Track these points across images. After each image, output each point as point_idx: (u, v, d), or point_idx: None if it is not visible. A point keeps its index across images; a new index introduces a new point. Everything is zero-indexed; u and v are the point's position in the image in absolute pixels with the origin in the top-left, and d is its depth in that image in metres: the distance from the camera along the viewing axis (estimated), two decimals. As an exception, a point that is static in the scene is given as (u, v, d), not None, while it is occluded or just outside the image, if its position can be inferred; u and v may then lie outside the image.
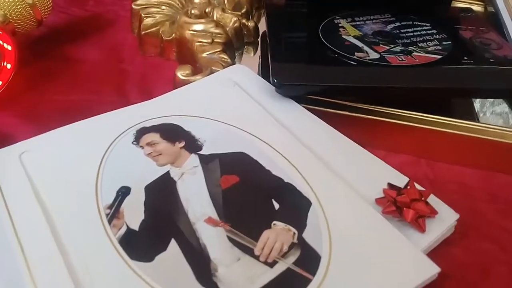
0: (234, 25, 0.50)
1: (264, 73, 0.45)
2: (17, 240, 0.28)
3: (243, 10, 0.52)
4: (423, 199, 0.32)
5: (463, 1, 0.57)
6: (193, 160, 0.34)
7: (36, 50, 0.49)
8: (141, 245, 0.28)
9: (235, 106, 0.39)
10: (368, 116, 0.41)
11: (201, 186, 0.32)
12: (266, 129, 0.37)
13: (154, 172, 0.33)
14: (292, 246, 0.29)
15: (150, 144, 0.35)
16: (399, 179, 0.34)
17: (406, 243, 0.29)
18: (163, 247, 0.28)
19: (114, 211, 0.30)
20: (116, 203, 0.30)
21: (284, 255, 0.28)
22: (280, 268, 0.28)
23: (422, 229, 0.31)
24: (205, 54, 0.46)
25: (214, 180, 0.32)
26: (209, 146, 0.35)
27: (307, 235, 0.29)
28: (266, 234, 0.29)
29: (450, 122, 0.40)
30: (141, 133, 0.35)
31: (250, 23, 0.51)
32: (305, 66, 0.43)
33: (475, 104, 0.45)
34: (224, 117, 0.38)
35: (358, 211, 0.31)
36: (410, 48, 0.44)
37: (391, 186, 0.33)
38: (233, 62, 0.46)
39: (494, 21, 0.52)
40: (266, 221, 0.30)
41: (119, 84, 0.47)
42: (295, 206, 0.31)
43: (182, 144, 0.35)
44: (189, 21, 0.48)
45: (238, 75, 0.42)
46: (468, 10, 0.54)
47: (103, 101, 0.45)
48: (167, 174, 0.32)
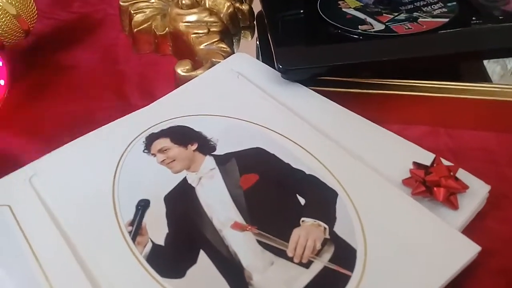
0: (228, 10, 0.48)
1: (265, 57, 0.43)
2: (40, 269, 0.27)
3: (236, -6, 0.50)
4: (453, 175, 0.31)
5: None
6: (208, 162, 0.32)
7: (27, 62, 0.47)
8: (170, 260, 0.27)
9: (242, 99, 0.37)
10: (381, 91, 0.39)
11: (221, 190, 0.31)
12: (278, 119, 0.35)
13: (171, 180, 0.31)
14: (325, 243, 0.28)
15: (161, 150, 0.33)
16: (423, 156, 0.33)
17: (442, 225, 0.28)
18: (193, 260, 0.27)
19: (137, 228, 0.29)
20: (137, 219, 0.29)
21: (318, 253, 0.27)
22: (316, 267, 0.27)
23: (455, 206, 0.30)
24: (202, 46, 0.44)
25: (234, 181, 0.31)
26: (222, 145, 0.34)
27: (339, 229, 0.28)
28: (296, 233, 0.28)
29: (466, 87, 0.39)
30: (150, 140, 0.34)
31: (244, 7, 0.49)
32: (308, 47, 0.41)
33: (487, 64, 0.44)
34: (232, 111, 0.36)
35: (387, 196, 0.30)
36: (415, 14, 0.42)
37: (418, 165, 0.32)
38: (232, 51, 0.45)
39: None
40: (294, 218, 0.29)
41: (118, 87, 0.45)
42: (322, 199, 0.30)
43: (195, 146, 0.33)
44: (181, 12, 0.46)
45: (240, 65, 0.41)
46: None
47: (104, 107, 0.43)
48: (185, 181, 0.31)
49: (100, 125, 0.37)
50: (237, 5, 0.49)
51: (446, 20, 0.41)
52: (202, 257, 0.27)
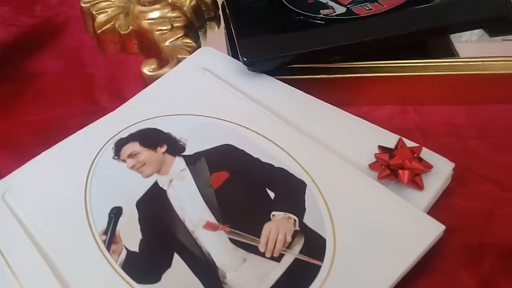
0: (191, 3, 0.47)
1: (232, 49, 0.43)
2: (17, 282, 0.28)
3: (197, -15, 0.49)
4: (416, 156, 0.31)
5: None
6: (178, 163, 0.33)
7: (-5, 71, 0.47)
8: (145, 266, 0.28)
9: (209, 95, 0.38)
10: (347, 75, 0.40)
11: (192, 190, 0.31)
12: (246, 113, 0.36)
13: (142, 185, 0.32)
14: (295, 235, 0.28)
15: (131, 155, 0.34)
16: (389, 138, 0.33)
17: (407, 206, 0.29)
18: (168, 264, 0.28)
19: (111, 236, 0.29)
20: (110, 227, 0.30)
21: (289, 246, 0.28)
22: (287, 260, 0.27)
23: (420, 187, 0.31)
24: (167, 43, 0.44)
25: (204, 180, 0.31)
26: (192, 144, 0.34)
27: (308, 219, 0.29)
28: (267, 228, 0.29)
29: (430, 64, 0.40)
30: (119, 145, 0.34)
31: (207, -2, 0.49)
32: (272, 36, 0.41)
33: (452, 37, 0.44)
34: (200, 109, 0.36)
35: (354, 182, 0.31)
36: (376, -7, 0.42)
37: (383, 148, 0.32)
38: (198, 45, 0.45)
39: None
40: (264, 213, 0.29)
41: (88, 90, 0.45)
42: (291, 191, 0.31)
43: (164, 148, 0.34)
44: (143, 9, 0.46)
45: (205, 59, 0.41)
46: None
47: (76, 112, 0.43)
48: (156, 185, 0.32)
49: (72, 131, 0.37)
50: (199, -3, 0.48)
51: (406, -3, 0.41)
52: (177, 260, 0.28)
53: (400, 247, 0.27)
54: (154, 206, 0.31)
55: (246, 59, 0.38)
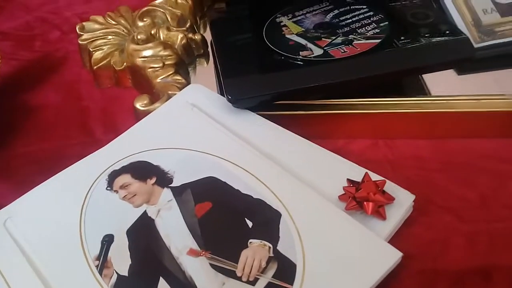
0: (182, 42, 0.51)
1: (219, 84, 0.47)
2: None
3: (188, 25, 0.53)
4: (380, 189, 0.35)
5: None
6: (166, 194, 0.36)
7: (-4, 104, 0.50)
8: (133, 289, 0.31)
9: (197, 130, 0.41)
10: (324, 111, 0.43)
11: (178, 219, 0.34)
12: (229, 148, 0.39)
13: (132, 214, 0.35)
14: (269, 260, 0.32)
15: (123, 186, 0.37)
16: (358, 171, 0.37)
17: (370, 235, 0.32)
18: (154, 287, 0.31)
19: (103, 261, 0.32)
20: (103, 253, 0.33)
21: (263, 271, 0.31)
22: (262, 284, 0.31)
23: (383, 217, 0.34)
24: (159, 79, 0.47)
25: (189, 210, 0.35)
26: (179, 176, 0.37)
27: (282, 247, 0.32)
28: (244, 254, 0.32)
29: (401, 102, 0.43)
30: (113, 177, 0.37)
31: (197, 36, 0.53)
32: (255, 76, 0.45)
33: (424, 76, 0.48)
34: (188, 143, 0.40)
35: (324, 212, 0.34)
36: (351, 36, 0.46)
37: (351, 182, 0.36)
38: (188, 81, 0.48)
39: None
40: (242, 241, 0.33)
41: (84, 122, 0.48)
42: (267, 221, 0.34)
43: (154, 180, 0.37)
44: (137, 48, 0.49)
45: (194, 96, 0.44)
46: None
47: (72, 143, 0.46)
48: (145, 214, 0.35)
49: (70, 162, 0.40)
50: (189, 35, 0.52)
51: (378, 41, 0.45)
52: (162, 284, 0.31)
53: (361, 272, 0.31)
54: (143, 234, 0.34)
55: (230, 97, 0.41)
